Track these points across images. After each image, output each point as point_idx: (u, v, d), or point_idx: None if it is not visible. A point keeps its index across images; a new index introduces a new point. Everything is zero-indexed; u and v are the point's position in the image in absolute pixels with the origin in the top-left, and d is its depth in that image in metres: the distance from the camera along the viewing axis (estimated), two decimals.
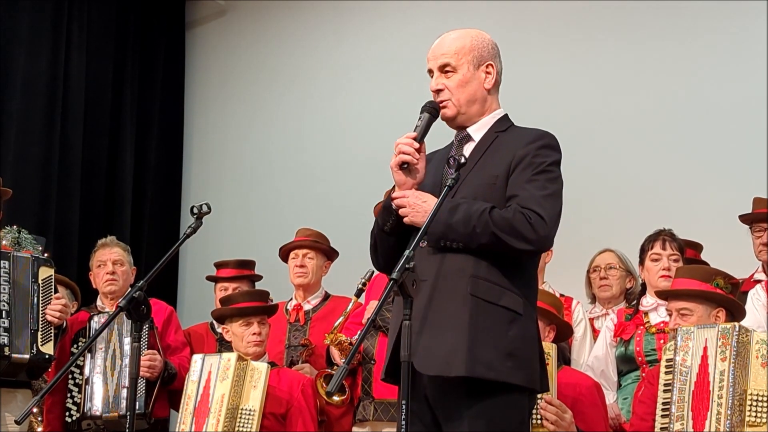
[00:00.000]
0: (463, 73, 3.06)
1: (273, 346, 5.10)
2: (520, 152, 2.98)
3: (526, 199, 2.90)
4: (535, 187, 2.92)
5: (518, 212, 2.87)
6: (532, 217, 2.87)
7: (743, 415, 3.46)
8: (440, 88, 3.07)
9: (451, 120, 3.10)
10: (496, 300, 2.89)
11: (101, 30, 7.44)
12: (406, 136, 2.98)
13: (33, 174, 6.83)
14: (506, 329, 2.89)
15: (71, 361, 3.35)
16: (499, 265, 2.91)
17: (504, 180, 2.96)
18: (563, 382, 4.11)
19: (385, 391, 4.53)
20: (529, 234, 2.86)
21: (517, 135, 3.07)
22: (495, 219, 2.86)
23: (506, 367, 2.86)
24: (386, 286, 2.64)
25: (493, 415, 2.87)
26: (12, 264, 4.58)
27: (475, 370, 2.83)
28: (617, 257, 5.04)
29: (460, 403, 2.87)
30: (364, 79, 7.25)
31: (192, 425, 4.36)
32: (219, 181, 7.73)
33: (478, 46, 3.10)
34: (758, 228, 4.59)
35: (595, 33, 6.35)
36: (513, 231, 2.85)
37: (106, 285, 5.03)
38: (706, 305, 3.89)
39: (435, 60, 3.10)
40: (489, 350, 2.85)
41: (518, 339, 2.91)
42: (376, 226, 3.10)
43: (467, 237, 2.87)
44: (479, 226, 2.85)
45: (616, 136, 6.18)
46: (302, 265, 5.23)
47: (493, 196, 2.94)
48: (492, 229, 2.85)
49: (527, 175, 2.94)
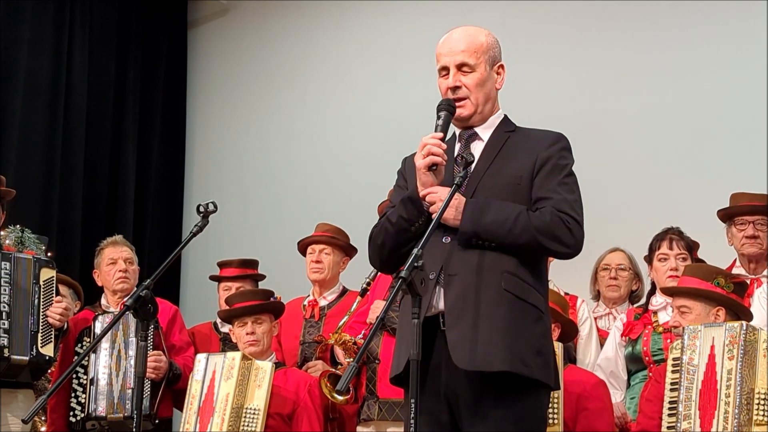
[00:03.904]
0: (481, 72, 3.05)
1: (288, 342, 5.09)
2: (543, 154, 2.99)
3: (560, 202, 2.92)
4: (566, 191, 2.96)
5: (556, 216, 2.89)
6: (570, 222, 2.90)
7: (751, 413, 3.46)
8: (458, 86, 3.05)
9: (466, 119, 3.07)
10: (525, 297, 2.91)
11: (103, 29, 7.44)
12: (432, 136, 2.94)
13: (35, 173, 6.83)
14: (534, 326, 2.91)
15: (77, 361, 3.34)
16: (525, 262, 2.93)
17: (528, 180, 2.97)
18: (569, 380, 4.12)
19: (389, 391, 4.50)
20: (568, 238, 2.90)
21: (531, 136, 3.08)
22: (534, 222, 2.88)
23: (537, 365, 2.88)
24: (393, 285, 2.62)
25: (519, 411, 2.88)
26: (13, 265, 4.57)
27: (515, 366, 2.83)
28: (628, 258, 5.04)
29: (487, 400, 2.87)
30: (365, 77, 7.24)
31: (196, 425, 4.35)
32: (221, 180, 7.73)
33: (492, 46, 3.09)
34: (741, 221, 4.60)
35: (601, 32, 6.34)
36: (551, 234, 2.88)
37: (118, 282, 4.97)
38: (704, 303, 3.91)
39: (451, 57, 3.06)
40: (523, 347, 2.87)
41: (543, 336, 2.94)
42: (388, 223, 3.01)
43: (503, 237, 2.88)
44: (517, 228, 2.86)
45: (620, 135, 6.18)
46: (318, 261, 5.19)
47: (516, 196, 2.95)
48: (532, 231, 2.87)
49: (557, 177, 2.97)
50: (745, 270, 4.60)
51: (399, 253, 2.98)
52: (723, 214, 4.69)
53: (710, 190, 5.50)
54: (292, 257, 5.58)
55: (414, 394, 2.59)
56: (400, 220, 2.98)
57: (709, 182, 5.71)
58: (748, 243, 4.58)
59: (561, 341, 4.22)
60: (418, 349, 2.60)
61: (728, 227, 4.68)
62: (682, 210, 5.45)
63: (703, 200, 5.31)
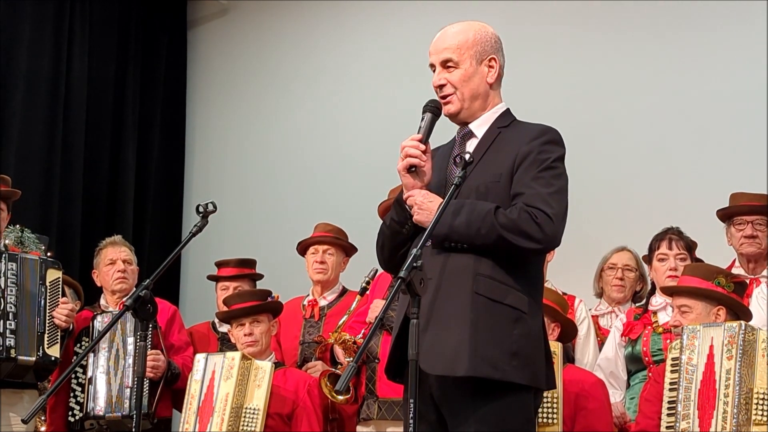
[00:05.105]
0: (466, 68, 3.03)
1: (287, 342, 5.09)
2: (524, 149, 2.94)
3: (531, 197, 2.87)
4: (541, 185, 2.89)
5: (524, 211, 2.84)
6: (539, 216, 2.84)
7: (749, 413, 3.46)
8: (442, 83, 3.04)
9: (454, 116, 3.07)
10: (501, 298, 2.87)
11: (103, 29, 7.43)
12: (411, 138, 2.94)
13: (35, 173, 6.83)
14: (511, 328, 2.86)
15: (77, 361, 3.35)
16: (503, 263, 2.89)
17: (508, 177, 2.93)
18: (567, 379, 4.12)
19: (389, 390, 4.51)
20: (536, 233, 2.83)
21: (520, 130, 3.03)
22: (500, 220, 2.83)
23: (511, 367, 2.83)
24: (393, 285, 2.62)
25: (498, 414, 2.84)
26: (20, 266, 4.58)
27: (480, 370, 2.80)
28: (635, 259, 5.02)
29: (466, 403, 2.85)
30: (365, 77, 7.24)
31: (196, 425, 4.35)
32: (220, 180, 7.73)
33: (480, 40, 3.05)
34: (740, 221, 4.60)
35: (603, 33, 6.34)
36: (519, 231, 2.83)
37: (116, 282, 4.98)
38: (705, 303, 3.91)
39: (437, 54, 3.05)
40: (494, 349, 2.82)
41: (523, 338, 2.87)
42: (384, 226, 3.06)
43: (472, 238, 2.85)
44: (484, 228, 2.83)
45: (620, 135, 6.17)
46: (322, 261, 5.18)
47: (497, 194, 2.92)
48: (498, 230, 2.82)
49: (532, 172, 2.91)
50: (744, 270, 4.60)
51: (398, 255, 3.01)
52: (722, 214, 4.69)
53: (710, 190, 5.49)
54: (292, 257, 5.58)
55: (412, 395, 2.59)
56: (392, 223, 3.02)
57: (709, 182, 5.71)
58: (747, 243, 4.58)
59: (561, 341, 4.22)
60: (416, 349, 2.60)
61: (727, 227, 4.69)
62: (682, 210, 5.45)
63: (703, 200, 5.31)
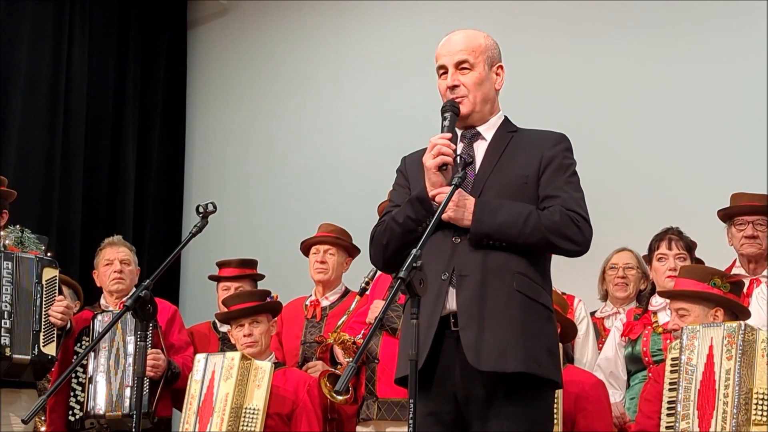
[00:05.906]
0: (479, 71, 3.06)
1: (289, 342, 5.09)
2: (548, 153, 3.02)
3: (568, 201, 2.95)
4: (573, 189, 2.99)
5: (565, 214, 2.92)
6: (579, 220, 2.93)
7: (749, 413, 3.46)
8: (456, 84, 3.06)
9: (464, 117, 3.08)
10: (536, 297, 2.94)
11: (103, 29, 7.44)
12: (441, 137, 2.94)
13: (35, 172, 6.84)
14: (545, 326, 2.95)
15: (77, 361, 3.34)
16: (534, 262, 2.96)
17: (535, 179, 3.00)
18: (567, 380, 4.09)
19: (389, 391, 4.50)
20: (577, 236, 2.93)
21: (533, 135, 3.10)
22: (544, 221, 2.90)
23: (549, 364, 2.91)
24: (392, 285, 2.62)
25: (531, 410, 2.90)
26: (15, 265, 4.58)
27: (528, 366, 2.85)
28: (635, 258, 5.04)
29: (500, 399, 2.88)
30: (365, 77, 7.25)
31: (196, 425, 4.35)
32: (221, 180, 7.73)
33: (490, 47, 3.11)
34: (740, 221, 4.61)
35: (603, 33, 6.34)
36: (561, 233, 2.91)
37: (113, 283, 4.99)
38: (703, 305, 3.92)
39: (450, 56, 3.07)
40: (536, 347, 2.89)
41: (553, 336, 2.98)
42: (394, 223, 2.99)
43: (515, 237, 2.89)
44: (528, 227, 2.89)
45: (619, 135, 6.18)
46: (323, 261, 5.20)
47: (523, 195, 2.97)
48: (542, 231, 2.89)
49: (563, 176, 3.00)
50: (744, 270, 4.61)
51: (403, 254, 2.96)
52: (723, 214, 4.70)
53: (710, 190, 5.49)
54: (293, 257, 5.58)
55: (413, 394, 2.59)
56: (407, 221, 2.96)
57: (709, 182, 5.71)
58: (747, 243, 4.59)
59: (560, 341, 4.22)
60: (417, 350, 2.60)
61: (728, 227, 4.69)
62: (682, 210, 5.45)
63: (703, 200, 5.31)
